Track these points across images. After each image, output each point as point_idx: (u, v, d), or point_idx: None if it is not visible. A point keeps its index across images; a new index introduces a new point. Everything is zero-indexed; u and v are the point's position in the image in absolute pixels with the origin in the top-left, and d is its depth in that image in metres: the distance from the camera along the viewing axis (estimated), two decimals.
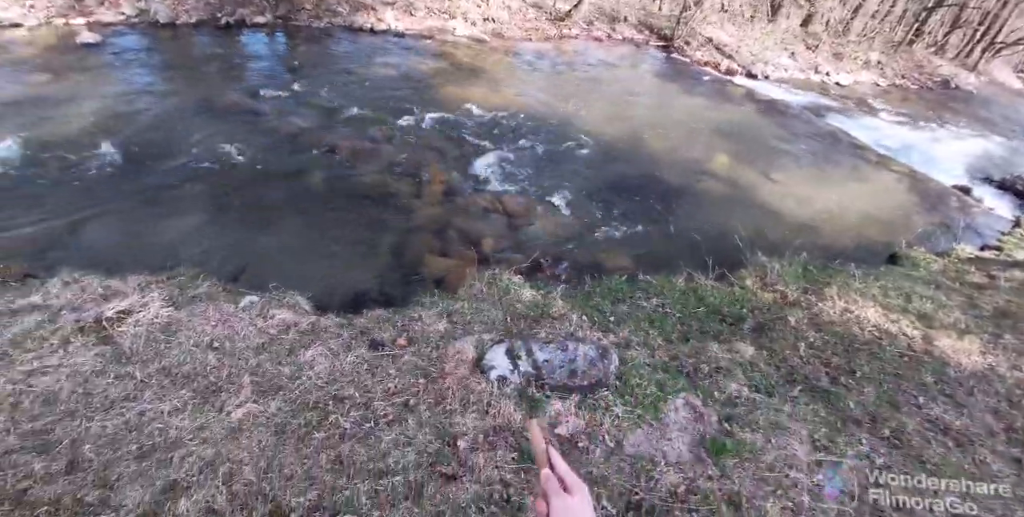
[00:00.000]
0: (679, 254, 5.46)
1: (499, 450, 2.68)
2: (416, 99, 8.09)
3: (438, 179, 5.92)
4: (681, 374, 3.48)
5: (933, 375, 3.59)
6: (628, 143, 8.16)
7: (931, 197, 8.14)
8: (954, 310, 4.31)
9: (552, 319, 3.83)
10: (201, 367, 2.84)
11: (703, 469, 2.83)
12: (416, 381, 2.99)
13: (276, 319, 3.25)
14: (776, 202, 7.16)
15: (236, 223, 4.72)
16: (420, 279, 4.45)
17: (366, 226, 5.00)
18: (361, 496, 2.32)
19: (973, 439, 3.13)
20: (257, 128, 6.43)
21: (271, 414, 2.64)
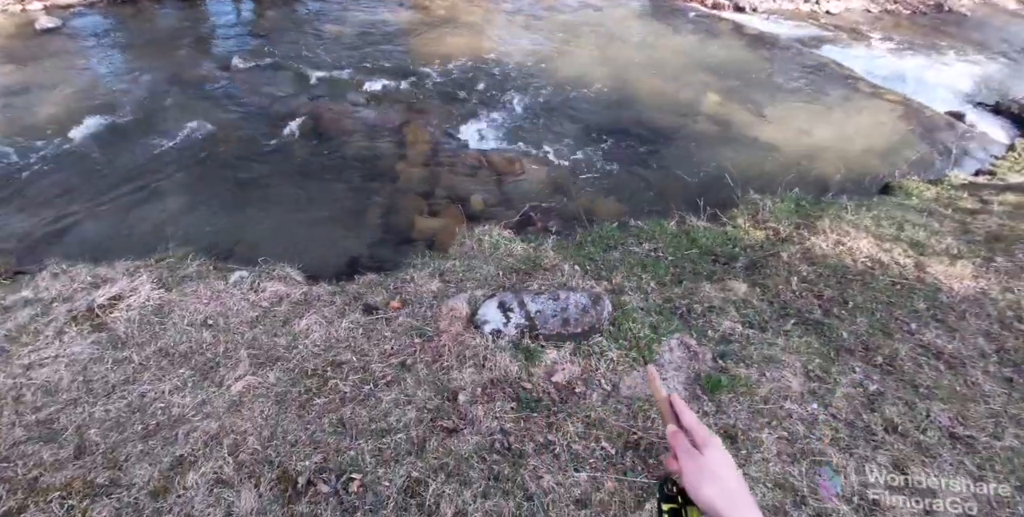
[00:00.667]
0: (670, 197, 5.35)
1: (497, 401, 2.70)
2: (393, 56, 7.75)
3: (422, 139, 5.74)
4: (675, 315, 3.47)
5: (925, 301, 3.57)
6: (615, 88, 7.86)
7: (925, 125, 7.88)
8: (946, 236, 4.24)
9: (544, 271, 3.79)
10: (197, 345, 2.83)
11: (699, 406, 2.85)
12: (412, 341, 2.99)
13: (268, 292, 3.22)
14: (768, 138, 6.95)
15: (221, 200, 4.62)
16: (411, 241, 4.39)
17: (353, 192, 4.89)
18: (365, 455, 2.36)
19: (965, 362, 3.14)
20: (232, 101, 6.21)
21: (270, 384, 2.65)
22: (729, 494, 0.75)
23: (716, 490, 0.75)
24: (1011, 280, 3.70)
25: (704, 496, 0.75)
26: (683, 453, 0.80)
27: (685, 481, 0.78)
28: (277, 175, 5.00)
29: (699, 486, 0.76)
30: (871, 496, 2.50)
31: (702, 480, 0.76)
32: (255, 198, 4.68)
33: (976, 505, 2.51)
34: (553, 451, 2.52)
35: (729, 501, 0.74)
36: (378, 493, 2.22)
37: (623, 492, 2.39)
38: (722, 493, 0.75)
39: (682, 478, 0.79)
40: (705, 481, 0.76)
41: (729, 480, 0.76)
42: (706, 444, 0.80)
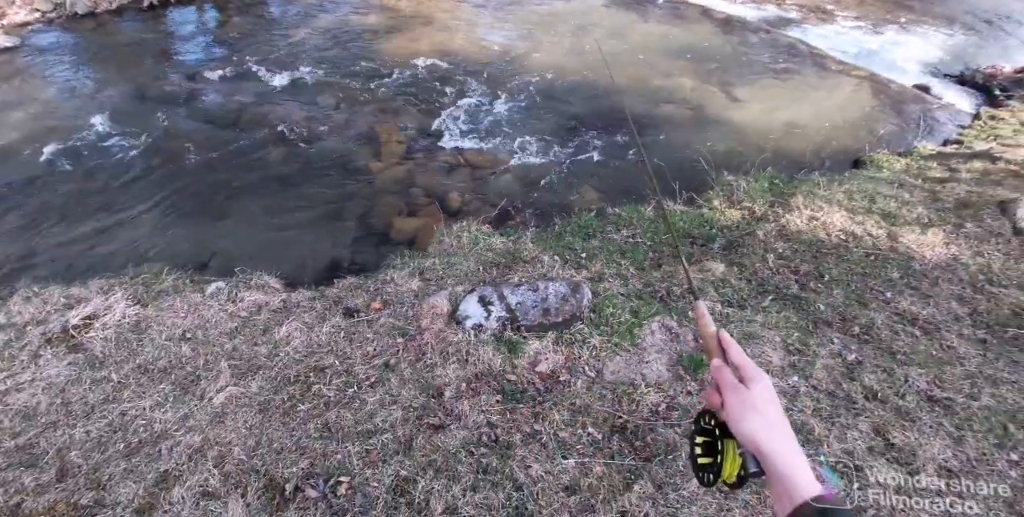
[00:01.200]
0: (646, 183, 5.35)
1: (483, 395, 2.70)
2: (362, 57, 7.66)
3: (395, 138, 5.69)
4: (655, 299, 3.48)
5: (899, 270, 3.61)
6: (588, 77, 7.82)
7: (892, 99, 7.95)
8: (917, 206, 4.29)
9: (524, 263, 3.79)
10: (176, 359, 2.79)
11: (682, 386, 2.87)
12: (394, 341, 2.97)
13: (246, 301, 3.18)
14: (740, 120, 6.98)
15: (195, 213, 4.55)
16: (390, 242, 4.35)
17: (329, 196, 4.84)
18: (352, 458, 2.34)
19: (940, 326, 3.18)
20: (201, 112, 6.10)
21: (253, 394, 2.62)
22: (770, 427, 0.75)
23: (758, 423, 0.75)
24: (981, 244, 3.76)
25: (746, 429, 0.75)
26: (728, 387, 0.79)
27: (727, 414, 0.78)
28: (251, 183, 4.93)
29: (741, 419, 0.76)
30: (854, 463, 2.53)
31: (744, 413, 0.76)
32: (230, 208, 4.62)
33: (956, 463, 2.56)
34: (540, 440, 2.52)
35: (770, 434, 0.74)
36: (367, 494, 2.21)
37: (611, 476, 2.40)
38: (764, 426, 0.74)
39: (724, 411, 0.78)
40: (748, 414, 0.76)
41: (771, 414, 0.76)
42: (752, 379, 0.79)
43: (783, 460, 0.72)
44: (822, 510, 0.66)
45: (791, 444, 0.74)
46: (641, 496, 2.31)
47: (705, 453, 0.82)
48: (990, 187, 4.56)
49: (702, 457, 0.83)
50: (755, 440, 0.74)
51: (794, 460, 0.72)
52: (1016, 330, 3.19)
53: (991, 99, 7.66)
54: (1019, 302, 3.33)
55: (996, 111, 6.93)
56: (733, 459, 0.78)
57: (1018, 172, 4.90)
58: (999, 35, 11.85)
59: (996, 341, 3.14)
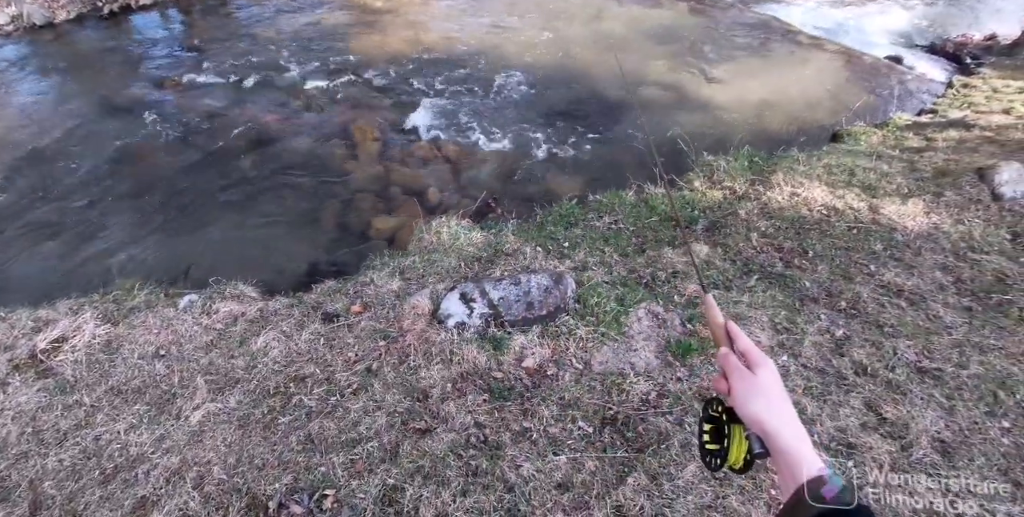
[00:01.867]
0: (626, 168, 5.24)
1: (469, 395, 2.61)
2: (333, 55, 7.45)
3: (370, 136, 5.54)
4: (640, 285, 3.40)
5: (882, 242, 3.55)
6: (563, 65, 7.68)
7: (866, 72, 7.89)
8: (896, 177, 4.22)
9: (506, 256, 3.69)
10: (150, 378, 2.67)
11: (672, 372, 2.80)
12: (376, 345, 2.87)
13: (221, 313, 3.06)
14: (717, 99, 6.88)
15: (167, 224, 4.39)
16: (370, 241, 4.23)
17: (305, 198, 4.70)
18: (337, 469, 2.25)
19: (925, 296, 3.13)
20: (169, 119, 5.89)
21: (231, 409, 2.51)
22: (775, 409, 0.77)
23: (763, 405, 0.77)
24: (961, 212, 3.71)
25: (751, 411, 0.77)
26: (734, 372, 0.82)
27: (734, 398, 0.80)
28: (224, 190, 4.77)
29: (747, 402, 0.78)
30: (848, 441, 2.48)
31: (750, 396, 0.78)
32: (203, 216, 4.47)
33: (949, 434, 2.51)
34: (530, 438, 2.44)
35: (774, 415, 0.76)
36: (354, 506, 2.12)
37: (604, 470, 2.33)
38: (768, 407, 0.77)
39: (731, 396, 0.81)
40: (753, 397, 0.78)
41: (775, 397, 0.78)
42: (758, 364, 0.81)
43: (787, 439, 0.73)
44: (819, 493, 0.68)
45: (794, 424, 0.76)
46: (635, 489, 2.24)
47: (713, 440, 0.84)
48: (967, 154, 4.51)
49: (710, 444, 0.85)
50: (760, 421, 0.76)
51: (798, 439, 0.74)
52: (1000, 296, 3.15)
53: (963, 68, 7.62)
54: (1001, 268, 3.29)
55: (968, 79, 6.89)
56: (739, 443, 0.79)
57: (993, 138, 4.86)
58: (968, 4, 11.80)
59: (981, 308, 3.10)
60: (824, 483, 0.69)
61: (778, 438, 0.74)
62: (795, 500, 0.69)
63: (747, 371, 0.81)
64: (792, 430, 0.75)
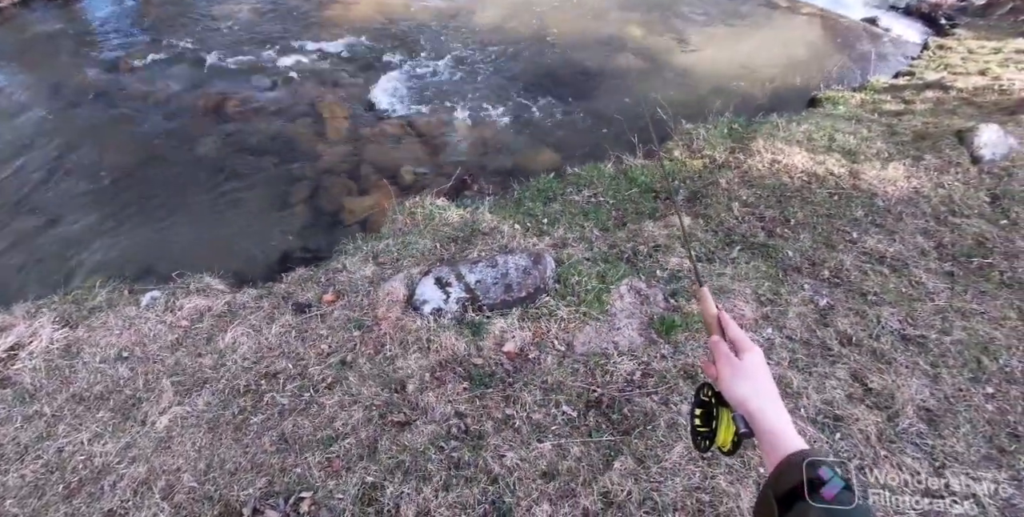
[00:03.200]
0: (604, 138, 5.02)
1: (449, 384, 2.46)
2: (295, 31, 6.97)
3: (339, 114, 5.21)
4: (621, 260, 3.25)
5: (863, 208, 3.42)
6: (535, 34, 7.29)
7: (842, 34, 7.64)
8: (876, 141, 4.06)
9: (484, 235, 3.49)
10: (113, 383, 2.48)
11: (656, 350, 2.68)
12: (350, 335, 2.70)
13: (186, 309, 2.85)
14: (694, 66, 6.61)
15: (129, 215, 4.09)
16: (343, 225, 4.00)
17: (272, 182, 4.42)
18: (313, 469, 2.11)
19: (907, 262, 3.03)
20: (125, 104, 5.48)
21: (200, 411, 2.34)
22: (760, 392, 0.80)
23: (748, 388, 0.80)
24: (941, 176, 3.58)
25: (736, 393, 0.80)
26: (722, 358, 0.85)
27: (721, 381, 0.83)
28: (187, 177, 4.46)
29: (733, 385, 0.81)
30: (834, 413, 2.40)
31: (736, 379, 0.81)
32: (167, 206, 4.17)
33: (934, 402, 2.45)
34: (513, 425, 2.32)
35: (758, 397, 0.79)
36: (332, 508, 1.99)
37: (590, 455, 2.22)
38: (753, 390, 0.80)
39: (718, 380, 0.84)
40: (739, 380, 0.81)
41: (761, 381, 0.81)
42: (745, 350, 0.84)
43: (770, 419, 0.76)
44: (808, 463, 0.68)
45: (777, 405, 0.79)
46: (622, 473, 2.14)
47: (704, 423, 0.87)
48: (945, 117, 4.36)
49: (701, 427, 0.87)
50: (744, 402, 0.79)
51: (780, 419, 0.77)
52: (980, 260, 3.06)
53: (937, 29, 7.42)
54: (981, 231, 3.19)
55: (943, 40, 6.69)
56: (727, 426, 0.82)
57: (970, 100, 4.72)
58: None
59: (962, 273, 3.01)
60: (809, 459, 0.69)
61: (762, 418, 0.77)
62: (777, 472, 0.71)
63: (734, 357, 0.84)
64: (774, 411, 0.78)
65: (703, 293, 0.98)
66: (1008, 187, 3.53)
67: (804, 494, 0.66)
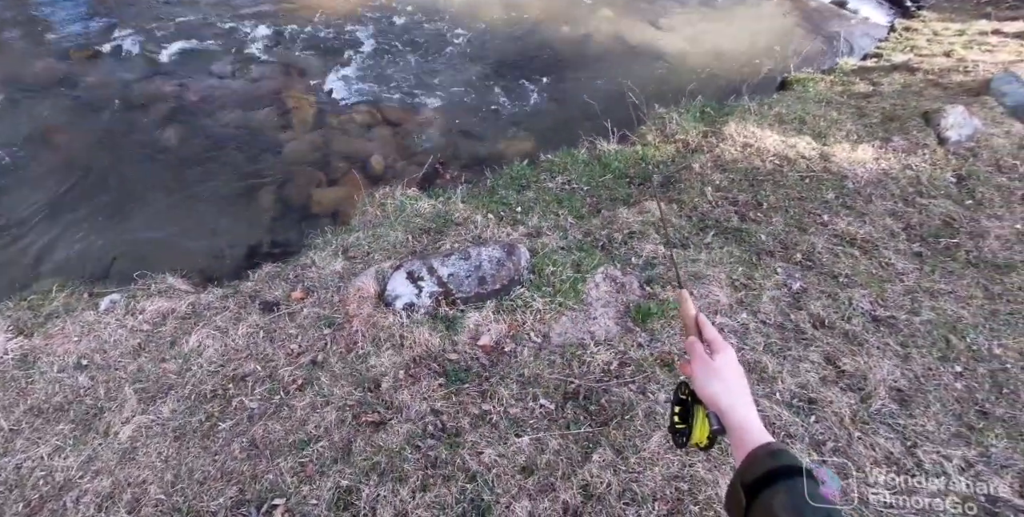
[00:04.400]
0: (578, 124, 4.91)
1: (424, 381, 2.38)
2: (258, 16, 6.62)
3: (305, 103, 4.98)
4: (596, 248, 3.18)
5: (834, 191, 3.40)
6: (507, 18, 7.07)
7: (811, 17, 7.59)
8: (846, 123, 4.03)
9: (457, 226, 3.39)
10: (73, 393, 2.33)
11: (633, 338, 2.63)
12: (321, 334, 2.58)
13: (148, 312, 2.69)
14: (666, 50, 6.49)
15: (87, 213, 3.85)
16: (313, 217, 3.85)
17: (238, 175, 4.21)
18: (285, 475, 2.01)
19: (877, 244, 3.02)
20: (79, 96, 5.15)
21: (165, 419, 2.22)
22: (730, 390, 0.83)
23: (719, 386, 0.83)
24: (909, 157, 3.57)
25: (708, 391, 0.84)
26: (697, 358, 0.88)
27: (694, 380, 0.87)
28: (147, 172, 4.22)
29: (706, 383, 0.84)
30: (809, 396, 2.39)
31: (708, 378, 0.84)
32: (128, 203, 3.95)
33: (905, 382, 2.45)
34: (490, 421, 2.25)
35: (730, 396, 0.82)
36: (306, 514, 1.90)
37: (569, 448, 2.17)
38: (725, 389, 0.83)
39: (692, 379, 0.87)
40: (711, 379, 0.84)
41: (732, 380, 0.84)
42: (718, 351, 0.87)
43: (739, 416, 0.79)
44: (771, 452, 0.72)
45: (746, 402, 0.82)
46: (601, 465, 2.10)
47: (682, 420, 0.89)
48: (912, 98, 4.35)
49: (679, 424, 0.89)
50: (715, 400, 0.82)
51: (748, 415, 0.80)
52: (948, 240, 3.07)
53: (904, 11, 7.41)
54: (948, 212, 3.20)
55: (909, 22, 6.69)
56: (702, 422, 0.84)
57: (936, 81, 4.72)
58: None
59: (931, 253, 3.02)
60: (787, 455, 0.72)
61: (731, 415, 0.80)
62: (745, 464, 0.73)
63: (707, 357, 0.87)
64: (743, 408, 0.81)
65: (683, 296, 1.00)
66: (973, 168, 3.55)
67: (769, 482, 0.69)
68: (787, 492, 0.67)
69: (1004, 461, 2.13)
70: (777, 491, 0.67)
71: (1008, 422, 2.27)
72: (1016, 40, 5.58)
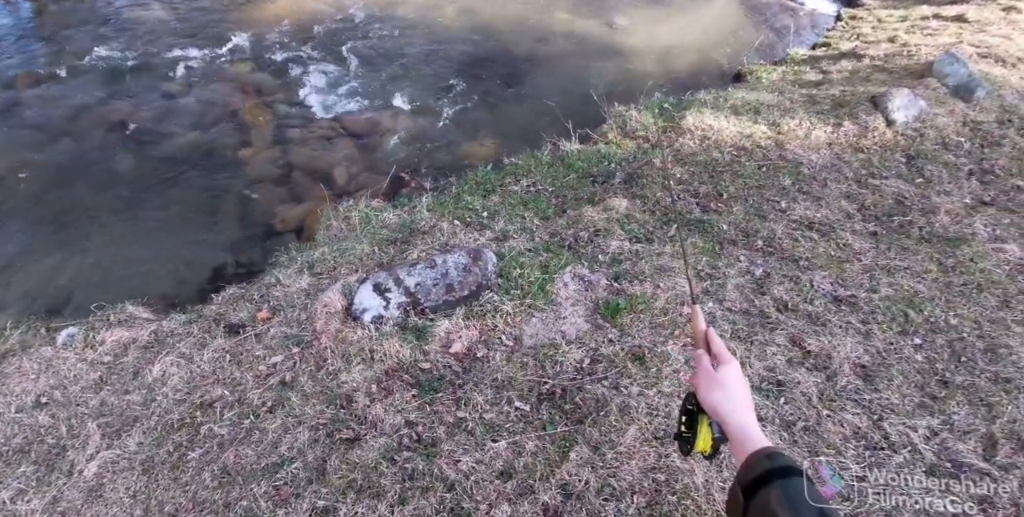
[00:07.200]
0: (540, 125, 4.94)
1: (396, 393, 2.37)
2: (209, 32, 6.52)
3: (263, 118, 4.93)
4: (563, 248, 3.21)
5: (790, 177, 3.50)
6: (463, 23, 7.10)
7: (761, 10, 7.81)
8: (798, 111, 4.16)
9: (423, 234, 3.38)
10: (33, 433, 2.26)
11: (603, 335, 2.66)
12: (289, 353, 2.55)
13: (108, 343, 2.63)
14: (623, 48, 6.60)
15: (41, 244, 3.74)
16: (277, 234, 3.80)
17: (197, 196, 4.14)
18: (259, 501, 1.98)
19: (834, 226, 3.12)
20: (25, 124, 5.00)
21: (132, 453, 2.16)
22: (731, 400, 0.88)
23: (721, 396, 0.88)
24: (860, 140, 3.70)
25: (710, 400, 0.89)
26: (701, 369, 0.94)
27: (698, 390, 0.92)
28: (101, 198, 4.12)
29: (708, 393, 0.90)
30: (777, 378, 2.45)
31: (712, 388, 0.90)
32: (83, 232, 3.84)
33: (868, 358, 2.53)
34: (466, 428, 2.26)
35: (729, 404, 0.87)
36: None
37: (546, 449, 2.19)
38: (726, 398, 0.88)
39: (696, 389, 0.93)
40: (714, 389, 0.89)
41: (734, 389, 0.89)
42: (722, 363, 0.93)
43: (738, 424, 0.84)
44: (768, 455, 0.76)
45: (746, 411, 0.87)
46: (579, 463, 2.12)
47: (688, 428, 0.94)
48: (860, 84, 4.51)
49: (685, 433, 0.94)
50: (717, 409, 0.87)
51: (748, 424, 0.84)
52: (901, 218, 3.19)
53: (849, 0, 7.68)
54: (900, 191, 3.32)
55: (855, 11, 6.95)
56: (706, 431, 0.88)
57: (883, 67, 4.90)
58: None
59: (885, 232, 3.13)
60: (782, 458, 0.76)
61: (731, 422, 0.85)
62: (744, 468, 0.77)
63: (711, 369, 0.92)
64: (742, 416, 0.85)
65: (695, 311, 1.06)
66: (921, 147, 3.69)
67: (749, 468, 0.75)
68: (783, 489, 0.70)
69: (967, 427, 2.22)
70: (773, 489, 0.71)
71: (968, 389, 2.36)
72: (955, 23, 5.84)
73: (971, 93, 4.25)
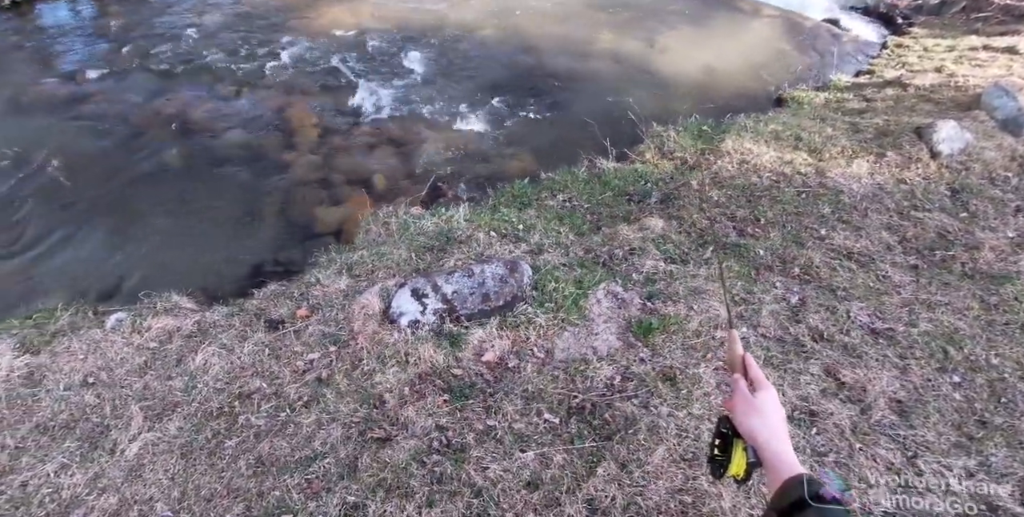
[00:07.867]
0: (578, 142, 5.03)
1: (428, 397, 2.43)
2: (263, 38, 6.84)
3: (308, 122, 5.13)
4: (598, 265, 3.26)
5: (830, 205, 3.50)
6: (508, 38, 7.29)
7: (805, 35, 7.84)
8: (840, 139, 4.17)
9: (460, 244, 3.47)
10: (79, 411, 2.38)
11: (635, 354, 2.69)
12: (326, 351, 2.64)
13: (154, 330, 2.76)
14: (663, 69, 6.69)
15: (93, 233, 3.94)
16: (316, 236, 3.93)
17: (242, 194, 4.31)
18: (292, 492, 2.05)
19: (874, 257, 3.10)
20: (86, 117, 5.29)
21: (172, 437, 2.26)
22: (768, 426, 0.89)
23: (758, 422, 0.89)
24: (903, 171, 3.69)
25: (747, 426, 0.90)
26: (738, 394, 0.95)
27: (734, 415, 0.94)
28: (151, 191, 4.33)
29: (745, 418, 0.91)
30: (810, 408, 2.44)
31: (749, 414, 0.91)
32: (132, 222, 4.04)
33: (904, 394, 2.51)
34: (495, 436, 2.30)
35: (767, 432, 0.88)
36: None
37: (573, 463, 2.22)
38: (762, 425, 0.89)
39: (733, 414, 0.94)
40: (751, 415, 0.91)
41: (771, 416, 0.90)
42: (760, 389, 0.95)
43: (774, 450, 0.86)
44: (802, 481, 0.78)
45: (782, 437, 0.88)
46: (606, 479, 2.14)
47: (721, 452, 0.95)
48: (905, 114, 4.50)
49: (718, 456, 0.95)
50: (753, 435, 0.89)
51: (784, 450, 0.86)
52: (943, 252, 3.16)
53: (895, 28, 7.67)
54: (943, 224, 3.30)
55: (901, 39, 6.92)
56: (740, 455, 0.90)
57: (928, 97, 4.88)
58: None
59: (926, 265, 3.10)
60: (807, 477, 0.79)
61: (766, 448, 0.86)
62: (780, 493, 0.79)
63: (749, 394, 0.93)
64: (778, 443, 0.86)
65: (733, 336, 1.07)
66: (967, 181, 3.66)
67: (803, 502, 0.75)
68: (819, 515, 0.73)
69: (1004, 470, 2.18)
70: (809, 515, 0.73)
71: (1007, 431, 2.32)
72: (1005, 55, 5.78)
73: (1020, 127, 4.20)
